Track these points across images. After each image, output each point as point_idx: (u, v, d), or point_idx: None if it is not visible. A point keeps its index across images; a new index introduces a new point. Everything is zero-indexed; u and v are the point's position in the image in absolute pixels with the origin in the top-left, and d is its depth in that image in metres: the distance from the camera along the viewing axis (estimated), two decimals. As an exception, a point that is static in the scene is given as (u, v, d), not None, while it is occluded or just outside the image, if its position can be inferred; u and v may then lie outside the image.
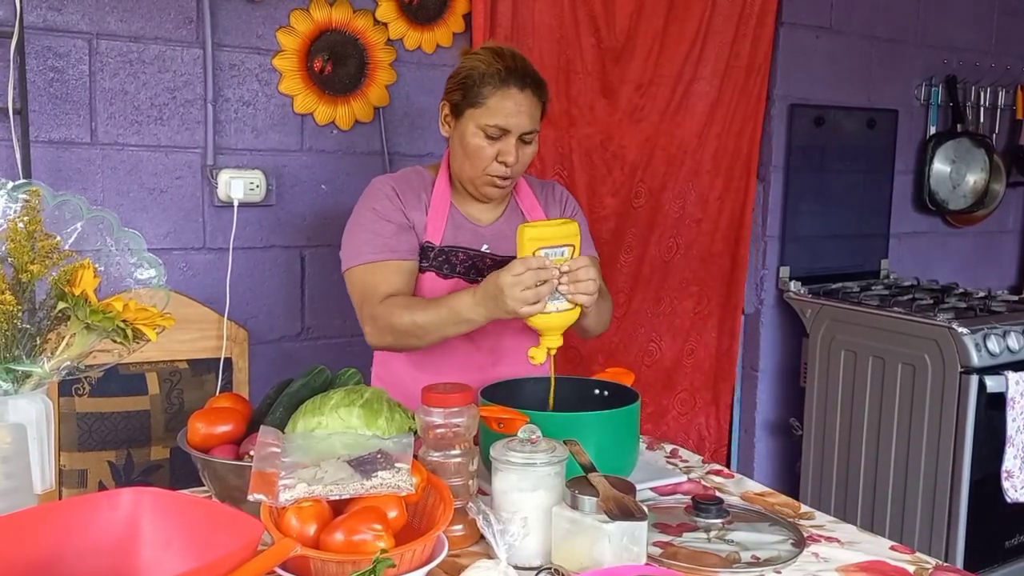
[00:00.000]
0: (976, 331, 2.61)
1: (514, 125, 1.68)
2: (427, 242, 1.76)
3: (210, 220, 2.29)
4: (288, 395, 1.40)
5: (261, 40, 2.30)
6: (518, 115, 1.68)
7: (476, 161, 1.72)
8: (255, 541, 0.98)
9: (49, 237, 1.23)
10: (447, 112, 1.76)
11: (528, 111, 1.69)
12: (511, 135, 1.69)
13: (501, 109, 1.67)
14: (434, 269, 1.75)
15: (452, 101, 1.74)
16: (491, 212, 1.85)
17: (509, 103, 1.67)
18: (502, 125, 1.68)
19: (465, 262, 1.77)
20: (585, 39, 2.72)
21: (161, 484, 1.81)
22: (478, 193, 1.78)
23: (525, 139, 1.71)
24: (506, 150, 1.69)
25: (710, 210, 3.04)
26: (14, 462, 1.19)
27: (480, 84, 1.68)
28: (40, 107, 2.08)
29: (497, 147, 1.70)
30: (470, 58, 1.73)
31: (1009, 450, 2.60)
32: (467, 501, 1.27)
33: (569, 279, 1.52)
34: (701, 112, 2.96)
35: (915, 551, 1.31)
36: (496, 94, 1.67)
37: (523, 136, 1.70)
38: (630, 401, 1.50)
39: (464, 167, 1.75)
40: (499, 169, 1.71)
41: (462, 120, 1.72)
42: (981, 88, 3.56)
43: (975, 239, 3.76)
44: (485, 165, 1.71)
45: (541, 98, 1.73)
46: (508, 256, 1.77)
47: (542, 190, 1.93)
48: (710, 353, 3.13)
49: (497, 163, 1.71)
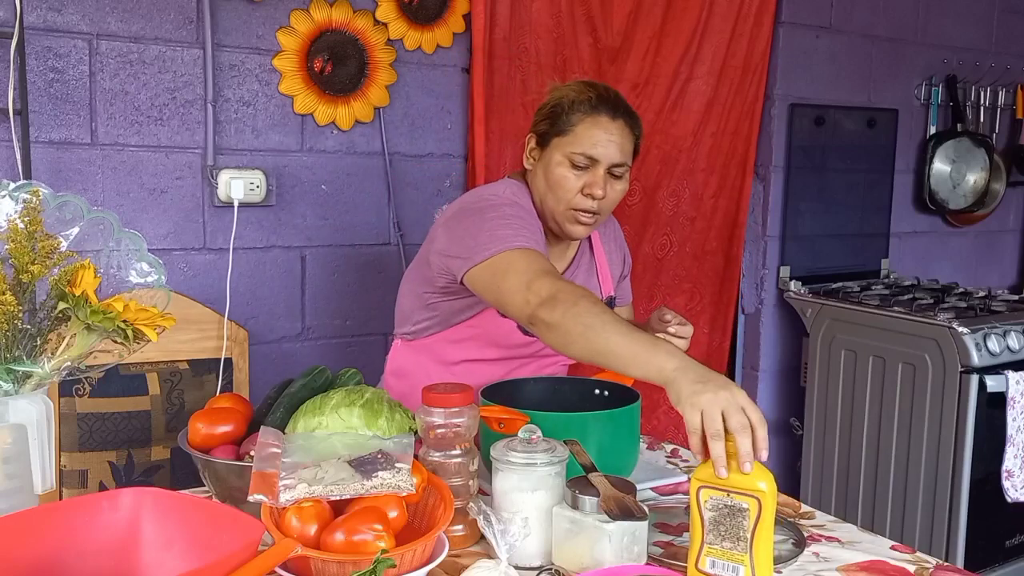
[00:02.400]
0: (976, 331, 2.61)
1: (602, 155, 1.60)
2: None
3: (210, 220, 2.29)
4: (289, 395, 1.40)
5: (261, 40, 2.30)
6: (607, 144, 1.59)
7: (561, 193, 1.61)
8: (256, 541, 0.98)
9: (50, 238, 1.23)
10: (533, 144, 1.67)
11: (619, 142, 1.60)
12: (599, 166, 1.60)
13: (589, 137, 1.59)
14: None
15: (539, 132, 1.65)
16: (563, 257, 1.75)
17: (599, 131, 1.59)
18: (590, 154, 1.59)
19: None
20: (582, 38, 2.72)
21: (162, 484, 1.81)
22: (562, 231, 1.66)
23: (615, 172, 1.62)
24: (593, 181, 1.60)
25: (704, 208, 3.05)
26: (15, 463, 1.19)
27: (569, 112, 1.61)
28: (40, 107, 2.08)
29: (584, 179, 1.60)
30: (560, 89, 1.66)
31: (1009, 449, 2.60)
32: (467, 501, 1.27)
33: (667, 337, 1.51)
34: (697, 111, 2.96)
35: (916, 550, 1.31)
36: (585, 121, 1.60)
37: (612, 169, 1.61)
38: (630, 401, 1.50)
39: (547, 200, 1.64)
40: (585, 203, 1.61)
41: (548, 150, 1.63)
42: (981, 88, 3.56)
43: (975, 239, 3.77)
44: (570, 198, 1.61)
45: (634, 131, 1.64)
46: None
47: (604, 229, 1.84)
48: (701, 349, 3.14)
49: (583, 196, 1.61)
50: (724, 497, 1.12)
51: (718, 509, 1.13)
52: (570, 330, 1.33)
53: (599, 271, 1.80)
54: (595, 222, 1.65)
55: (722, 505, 1.13)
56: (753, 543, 1.12)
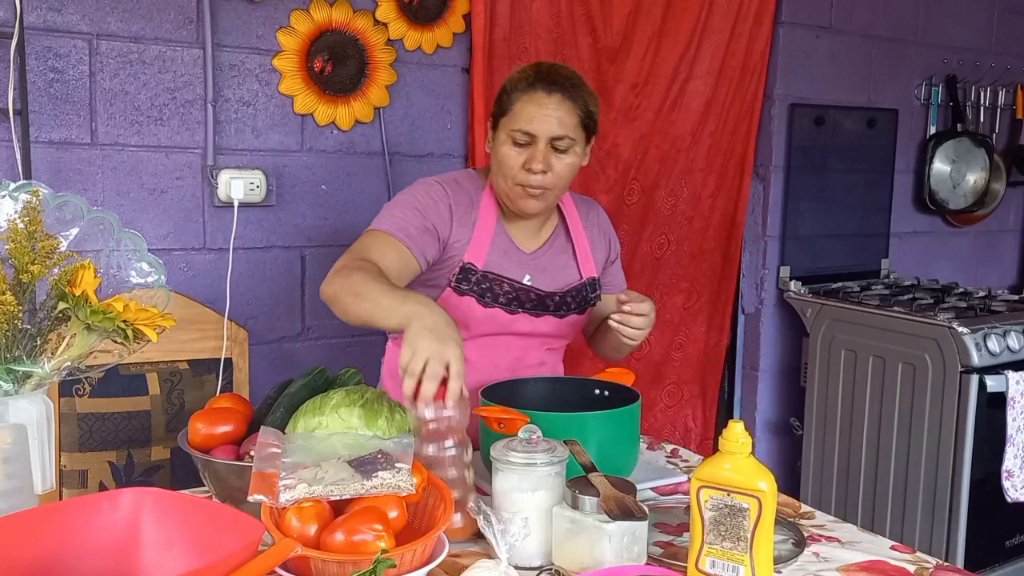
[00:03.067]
0: (976, 331, 2.61)
1: (539, 129, 1.63)
2: (469, 263, 1.69)
3: (210, 220, 2.29)
4: (288, 395, 1.40)
5: (261, 40, 2.30)
6: (544, 118, 1.62)
7: (505, 170, 1.66)
8: (256, 541, 0.98)
9: (50, 238, 1.23)
10: (489, 129, 1.74)
11: (556, 116, 1.63)
12: (539, 140, 1.63)
13: (525, 113, 1.63)
14: (474, 295, 1.69)
15: (492, 116, 1.72)
16: (536, 237, 1.79)
17: (533, 107, 1.63)
18: (526, 129, 1.63)
19: (509, 293, 1.72)
20: (582, 38, 2.72)
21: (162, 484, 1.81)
22: (515, 208, 1.70)
23: (558, 146, 1.64)
24: (532, 156, 1.63)
25: (702, 208, 3.05)
26: (15, 463, 1.19)
27: (511, 92, 1.66)
28: (40, 107, 2.08)
29: (525, 154, 1.64)
30: (511, 74, 1.72)
31: (1009, 449, 2.60)
32: (465, 493, 1.28)
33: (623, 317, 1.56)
34: (696, 111, 2.97)
35: (915, 550, 1.32)
36: (523, 98, 1.64)
37: (555, 143, 1.64)
38: (630, 401, 1.50)
39: (497, 179, 1.70)
40: (528, 178, 1.64)
41: (497, 132, 1.69)
42: (981, 88, 3.56)
43: (975, 239, 3.77)
44: (514, 174, 1.65)
45: (576, 103, 1.66)
46: (550, 291, 1.76)
47: (587, 214, 1.87)
48: (698, 348, 3.15)
49: (524, 171, 1.64)
50: (724, 497, 1.12)
51: (718, 509, 1.13)
52: (342, 298, 1.48)
53: (577, 253, 1.82)
54: (546, 196, 1.68)
55: (722, 505, 1.13)
56: (753, 543, 1.12)
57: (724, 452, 1.13)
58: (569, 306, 1.78)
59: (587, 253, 1.83)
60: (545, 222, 1.80)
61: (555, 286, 1.77)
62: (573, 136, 1.66)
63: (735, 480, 1.12)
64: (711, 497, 1.13)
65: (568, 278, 1.80)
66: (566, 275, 1.80)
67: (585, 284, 1.81)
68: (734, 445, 1.12)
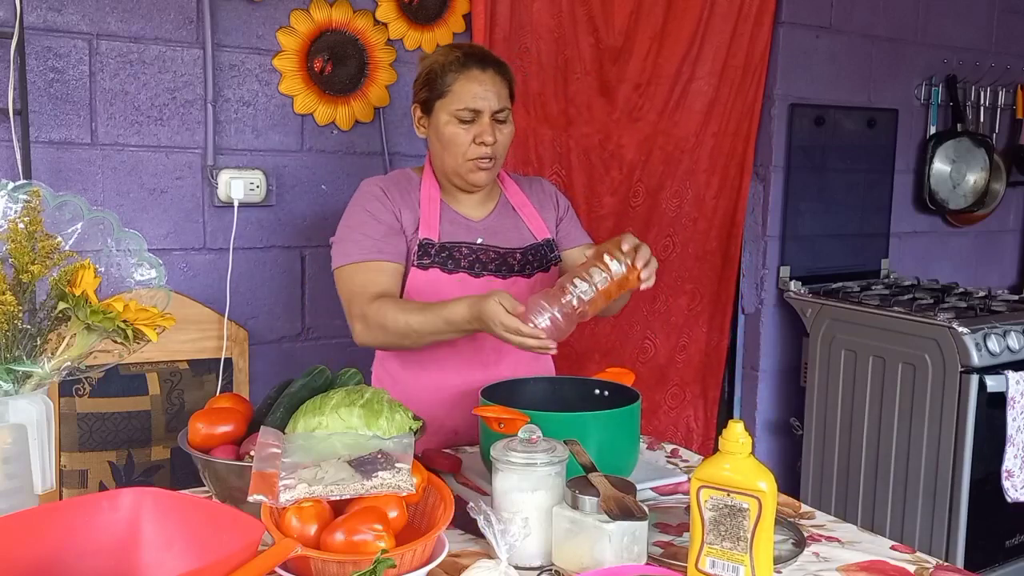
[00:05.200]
0: (976, 331, 2.61)
1: (483, 105, 1.72)
2: (425, 239, 1.76)
3: (210, 220, 2.29)
4: (289, 395, 1.40)
5: (261, 40, 2.30)
6: (485, 94, 1.73)
7: (455, 148, 1.75)
8: (256, 541, 0.98)
9: (49, 238, 1.23)
10: (419, 114, 1.81)
11: (494, 90, 1.74)
12: (484, 115, 1.73)
13: (468, 91, 1.72)
14: (438, 265, 1.76)
15: (421, 100, 1.80)
16: (481, 208, 1.86)
17: (473, 84, 1.72)
18: (471, 106, 1.72)
19: (468, 256, 1.78)
20: (583, 39, 2.72)
21: (162, 484, 1.81)
22: (465, 183, 1.79)
23: (498, 118, 1.75)
24: (482, 130, 1.73)
25: (706, 209, 3.05)
26: (15, 463, 1.19)
27: (443, 74, 1.74)
28: (40, 107, 2.08)
29: (473, 131, 1.73)
30: (428, 57, 1.81)
31: (1009, 449, 2.60)
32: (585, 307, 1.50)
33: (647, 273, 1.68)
34: (699, 111, 2.96)
35: (915, 550, 1.31)
36: (460, 78, 1.73)
37: (495, 115, 1.74)
38: (630, 401, 1.50)
39: (445, 160, 1.78)
40: (480, 151, 1.74)
41: (433, 115, 1.77)
42: (981, 88, 3.56)
43: (975, 238, 3.77)
44: (465, 150, 1.74)
45: (505, 76, 1.77)
46: (507, 248, 1.81)
47: (529, 186, 1.95)
48: (700, 348, 3.15)
49: (476, 145, 1.74)
50: (724, 497, 1.12)
51: (718, 509, 1.13)
52: (403, 344, 1.70)
53: (526, 219, 1.89)
54: (493, 166, 1.78)
55: (722, 505, 1.13)
56: (753, 543, 1.12)
57: (724, 452, 1.13)
58: (532, 265, 1.83)
59: (535, 216, 1.90)
60: (487, 196, 1.87)
61: (510, 245, 1.83)
62: (508, 107, 1.78)
63: (735, 480, 1.12)
64: (711, 497, 1.13)
65: (521, 239, 1.86)
66: (519, 236, 1.86)
67: (541, 244, 1.87)
68: (734, 445, 1.12)
